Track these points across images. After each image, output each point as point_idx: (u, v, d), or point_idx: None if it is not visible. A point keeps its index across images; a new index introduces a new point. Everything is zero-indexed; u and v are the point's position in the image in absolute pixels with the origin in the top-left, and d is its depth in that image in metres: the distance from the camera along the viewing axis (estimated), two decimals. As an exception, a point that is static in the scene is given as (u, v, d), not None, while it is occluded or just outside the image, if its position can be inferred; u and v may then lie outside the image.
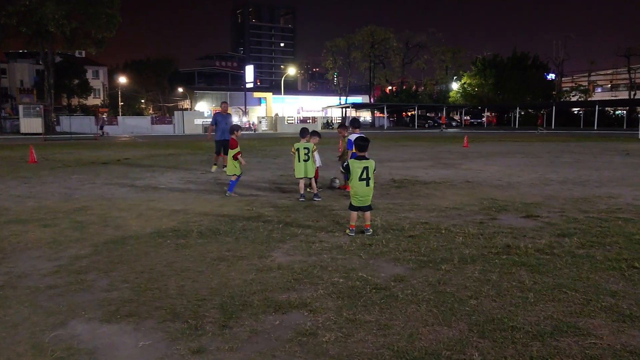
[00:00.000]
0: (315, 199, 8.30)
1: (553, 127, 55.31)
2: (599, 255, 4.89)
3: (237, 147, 8.81)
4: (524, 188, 9.59)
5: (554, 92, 69.57)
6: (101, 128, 42.90)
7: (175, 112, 51.61)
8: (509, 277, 4.30)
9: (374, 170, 5.97)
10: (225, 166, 12.70)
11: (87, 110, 62.59)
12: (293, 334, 3.25)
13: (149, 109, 79.78)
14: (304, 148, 8.33)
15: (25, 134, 38.75)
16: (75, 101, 67.14)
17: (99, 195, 8.95)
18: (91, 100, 71.94)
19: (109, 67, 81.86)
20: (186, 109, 64.93)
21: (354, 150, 7.66)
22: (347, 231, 5.91)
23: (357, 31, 73.59)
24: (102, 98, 76.75)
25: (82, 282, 4.27)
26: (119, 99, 64.66)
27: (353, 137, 8.04)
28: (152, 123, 49.24)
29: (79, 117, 49.27)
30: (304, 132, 8.64)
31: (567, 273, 4.38)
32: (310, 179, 8.47)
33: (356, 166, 5.87)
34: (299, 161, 8.31)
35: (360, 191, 5.84)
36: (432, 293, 3.92)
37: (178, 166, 14.18)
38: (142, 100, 78.54)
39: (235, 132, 9.19)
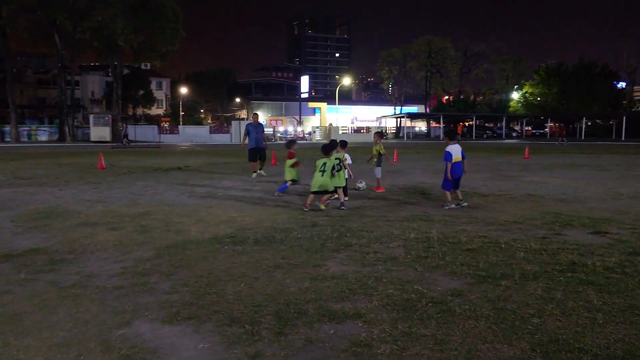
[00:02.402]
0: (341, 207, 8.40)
1: (623, 138, 52.29)
2: (676, 276, 4.56)
3: (294, 157, 9.70)
4: (591, 202, 9.12)
5: (624, 102, 65.85)
6: (125, 137, 39.83)
7: (233, 122, 53.01)
8: (575, 296, 4.09)
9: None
10: (261, 169, 13.45)
11: (150, 120, 65.53)
12: (348, 344, 3.24)
13: (208, 119, 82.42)
14: (336, 159, 8.49)
15: (95, 141, 41.07)
16: (139, 111, 70.49)
17: (161, 201, 9.32)
18: (154, 110, 75.22)
19: (171, 79, 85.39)
20: (243, 119, 66.62)
21: (455, 160, 8.27)
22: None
23: (413, 41, 72.99)
24: (164, 108, 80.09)
25: (145, 284, 4.45)
26: (180, 108, 67.24)
27: (450, 148, 8.38)
28: (211, 132, 50.78)
29: (143, 126, 51.67)
30: (330, 147, 8.59)
31: (640, 294, 4.12)
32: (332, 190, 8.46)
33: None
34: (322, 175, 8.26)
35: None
36: (492, 309, 3.79)
37: (234, 174, 14.53)
38: (202, 110, 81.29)
39: (292, 147, 10.05)
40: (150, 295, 4.19)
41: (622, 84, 68.24)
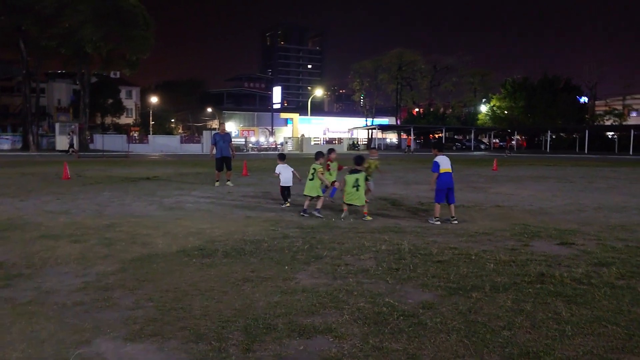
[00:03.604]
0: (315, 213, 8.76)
1: (586, 151, 54.02)
2: (640, 287, 4.65)
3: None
4: (557, 214, 9.31)
5: (586, 116, 68.14)
6: (71, 146, 37.41)
7: (204, 132, 52.47)
8: (544, 307, 4.11)
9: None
10: (229, 180, 13.46)
11: (119, 129, 64.23)
12: (318, 361, 3.15)
13: (179, 129, 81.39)
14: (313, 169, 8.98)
15: (61, 150, 39.94)
16: (108, 120, 69.04)
17: (127, 212, 9.07)
18: (124, 119, 73.80)
19: (141, 88, 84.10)
20: (214, 129, 66.01)
21: (444, 171, 8.22)
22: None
23: (384, 54, 74.00)
24: (134, 117, 78.70)
25: (108, 300, 4.27)
26: (150, 118, 66.16)
27: (439, 159, 8.32)
28: (181, 142, 50.08)
29: (111, 135, 50.60)
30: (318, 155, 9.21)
31: (607, 305, 4.17)
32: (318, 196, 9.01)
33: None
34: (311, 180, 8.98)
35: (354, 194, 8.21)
36: (463, 322, 3.77)
37: (205, 184, 14.30)
38: (172, 120, 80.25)
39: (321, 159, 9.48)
40: (112, 311, 4.01)
41: (584, 99, 70.61)
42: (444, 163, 8.28)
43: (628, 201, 11.20)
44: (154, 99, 67.86)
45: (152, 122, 65.40)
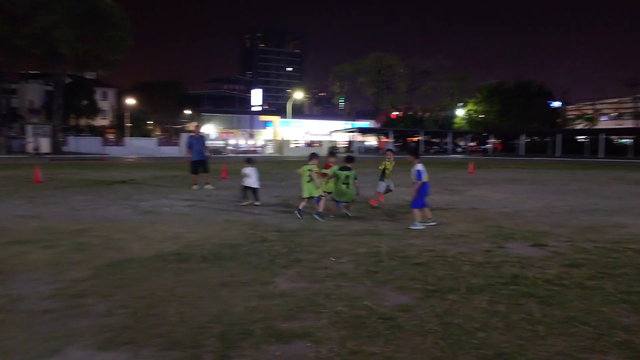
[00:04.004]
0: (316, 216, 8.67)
1: (559, 154, 55.18)
2: (610, 287, 4.77)
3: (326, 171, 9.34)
4: (530, 216, 9.48)
5: (559, 120, 69.67)
6: (35, 149, 36.42)
7: (182, 134, 51.94)
8: (518, 308, 4.18)
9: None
10: (208, 183, 13.44)
11: (95, 131, 63.14)
12: (295, 366, 3.14)
13: (156, 131, 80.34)
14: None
15: (30, 153, 39.05)
16: (83, 121, 67.77)
17: (102, 217, 8.91)
18: (99, 121, 72.52)
19: (118, 89, 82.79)
20: (193, 131, 65.38)
21: (425, 180, 8.00)
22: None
23: (364, 57, 74.48)
24: (110, 119, 77.44)
25: (80, 307, 4.18)
26: (127, 120, 65.17)
27: (420, 166, 8.02)
28: (159, 144, 49.54)
29: (86, 138, 49.70)
30: (312, 157, 9.11)
31: (578, 305, 4.26)
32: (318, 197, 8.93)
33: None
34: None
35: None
36: (439, 324, 3.81)
37: (182, 188, 14.15)
38: (150, 122, 79.19)
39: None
40: (84, 318, 3.93)
41: (556, 103, 72.21)
42: (425, 171, 8.04)
43: (598, 203, 11.47)
44: (130, 101, 66.83)
45: (128, 124, 64.42)
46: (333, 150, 11.49)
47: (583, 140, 62.74)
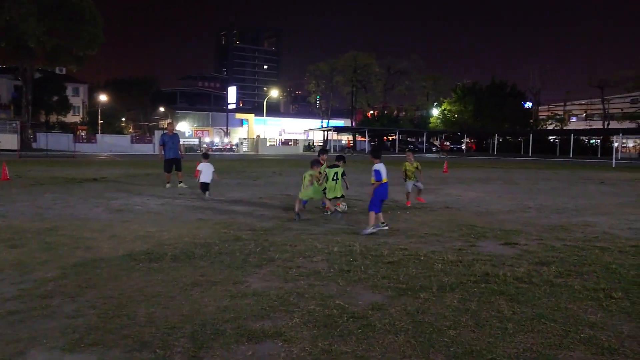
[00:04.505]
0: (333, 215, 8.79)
1: (530, 154, 56.36)
2: (577, 285, 4.88)
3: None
4: (502, 215, 9.64)
5: (531, 120, 71.19)
6: None
7: (156, 132, 51.19)
8: (488, 306, 4.24)
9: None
10: (181, 182, 13.35)
11: (65, 127, 61.64)
12: (266, 366, 3.11)
13: (129, 128, 78.99)
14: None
15: (0, 150, 37.91)
16: (53, 118, 66.08)
17: (71, 215, 8.70)
18: (70, 118, 70.86)
19: (89, 85, 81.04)
20: (167, 128, 64.43)
21: (385, 181, 7.60)
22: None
23: (340, 56, 74.62)
24: (81, 115, 75.75)
25: (46, 308, 4.07)
26: (99, 116, 63.84)
27: (379, 167, 7.58)
28: (132, 142, 48.76)
29: (56, 134, 48.50)
30: (314, 163, 8.96)
31: (546, 303, 4.34)
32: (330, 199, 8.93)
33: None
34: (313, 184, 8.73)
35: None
36: (411, 323, 3.83)
37: (155, 186, 13.94)
38: (123, 119, 77.79)
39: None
40: (50, 320, 3.82)
41: (528, 104, 73.77)
42: (384, 172, 7.55)
43: (567, 202, 11.75)
44: (103, 97, 65.51)
45: (100, 121, 63.13)
46: (324, 148, 11.72)
47: (554, 140, 64.28)
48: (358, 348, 3.37)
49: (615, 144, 48.19)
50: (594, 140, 64.22)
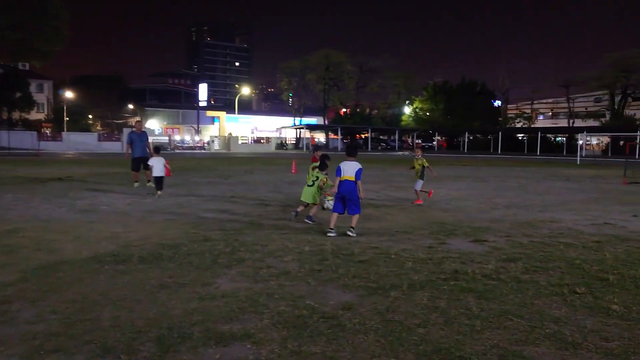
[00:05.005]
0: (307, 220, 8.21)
1: (499, 151, 57.51)
2: (543, 281, 4.98)
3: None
4: (472, 212, 9.79)
5: (500, 119, 72.65)
6: None
7: (124, 129, 50.16)
8: (457, 303, 4.28)
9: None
10: (149, 181, 13.17)
11: (29, 125, 59.71)
12: (234, 369, 3.06)
13: (97, 126, 77.15)
14: (314, 177, 8.50)
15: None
16: (16, 115, 63.90)
17: (33, 216, 8.42)
18: (34, 115, 68.69)
19: (54, 81, 78.72)
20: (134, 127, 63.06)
21: (344, 178, 7.24)
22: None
23: (312, 54, 74.54)
24: (46, 113, 73.52)
25: (4, 314, 3.91)
26: (64, 114, 62.05)
27: (343, 164, 7.32)
28: (99, 140, 47.66)
29: (19, 132, 46.95)
30: (322, 166, 8.72)
31: (513, 299, 4.42)
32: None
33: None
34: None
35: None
36: (381, 322, 3.84)
37: (123, 186, 13.63)
38: (90, 116, 75.93)
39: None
40: (9, 326, 3.67)
41: (498, 103, 75.28)
42: (346, 169, 7.23)
43: (534, 199, 12.03)
44: (69, 94, 63.70)
45: (66, 118, 61.40)
46: (319, 145, 11.75)
47: (522, 138, 65.76)
48: (328, 348, 3.35)
49: (580, 142, 49.63)
50: (560, 138, 65.99)
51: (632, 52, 57.97)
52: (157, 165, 11.42)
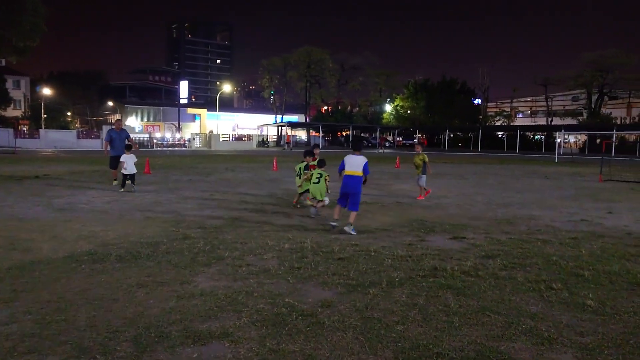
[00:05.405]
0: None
1: (479, 149, 58.17)
2: (520, 277, 5.05)
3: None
4: (451, 209, 9.88)
5: (480, 117, 73.44)
6: None
7: (104, 127, 49.42)
8: (436, 300, 4.31)
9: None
10: (116, 179, 13.06)
11: (5, 122, 58.39)
12: (211, 369, 3.04)
13: (76, 123, 75.84)
14: (318, 173, 8.76)
15: None
16: (-8, 112, 62.46)
17: (8, 215, 8.24)
18: (11, 112, 67.15)
19: (32, 78, 77.08)
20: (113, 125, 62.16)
21: (348, 173, 7.38)
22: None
23: (293, 51, 74.31)
24: (23, 109, 71.98)
25: (-25, 315, 3.82)
26: (42, 111, 60.80)
27: (347, 158, 7.44)
28: (78, 137, 46.80)
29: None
30: (321, 163, 9.14)
31: (491, 295, 4.47)
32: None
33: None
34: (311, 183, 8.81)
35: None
36: (359, 319, 3.85)
37: (102, 184, 13.43)
38: (68, 113, 74.58)
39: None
40: (-20, 328, 3.59)
41: (478, 101, 76.11)
42: (351, 164, 7.33)
43: (513, 196, 12.20)
44: (46, 91, 62.46)
45: (44, 115, 60.21)
46: (317, 144, 11.98)
47: (502, 136, 66.61)
48: (306, 346, 3.35)
49: (558, 140, 50.46)
50: (539, 136, 67.00)
51: (608, 51, 59.11)
52: (130, 163, 11.66)
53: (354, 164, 7.29)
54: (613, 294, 4.58)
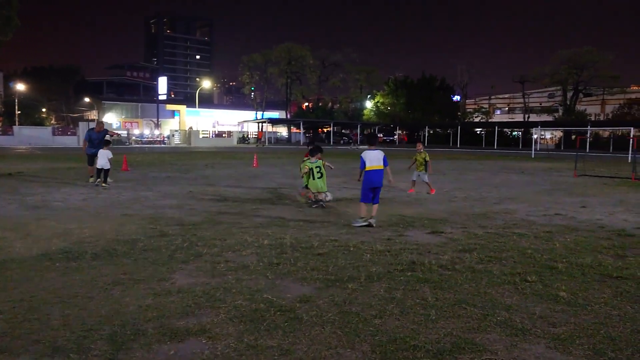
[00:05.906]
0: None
1: (458, 145, 58.80)
2: (496, 270, 5.13)
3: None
4: (430, 204, 9.97)
5: (459, 113, 74.24)
6: None
7: (80, 123, 48.56)
8: (413, 294, 4.35)
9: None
10: (92, 176, 12.95)
11: (-23, 119, 56.97)
12: (188, 365, 3.02)
13: (51, 119, 74.30)
14: (316, 167, 9.18)
15: None
16: (-37, 108, 60.88)
17: (-20, 213, 8.04)
18: (-17, 108, 65.49)
19: (5, 73, 75.24)
20: (93, 120, 61.12)
21: (371, 168, 7.51)
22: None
23: (274, 47, 73.98)
24: (-5, 105, 70.26)
25: (-56, 315, 3.72)
26: (16, 107, 59.41)
27: (366, 154, 7.59)
28: (54, 134, 45.92)
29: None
30: (314, 152, 9.49)
31: (467, 288, 4.53)
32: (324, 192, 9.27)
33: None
34: (314, 179, 9.20)
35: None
36: (338, 313, 3.86)
37: (78, 181, 13.20)
38: (43, 110, 73.03)
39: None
40: (-51, 328, 3.49)
41: (457, 97, 76.93)
42: (371, 159, 7.44)
43: (490, 191, 12.37)
44: (20, 86, 61.04)
45: (18, 112, 58.84)
46: (313, 140, 12.25)
47: (480, 132, 67.39)
48: (284, 342, 3.35)
49: (535, 136, 51.31)
50: (516, 132, 68.02)
51: (583, 49, 60.22)
52: (102, 158, 11.95)
53: (374, 158, 7.49)
54: (585, 285, 4.68)
